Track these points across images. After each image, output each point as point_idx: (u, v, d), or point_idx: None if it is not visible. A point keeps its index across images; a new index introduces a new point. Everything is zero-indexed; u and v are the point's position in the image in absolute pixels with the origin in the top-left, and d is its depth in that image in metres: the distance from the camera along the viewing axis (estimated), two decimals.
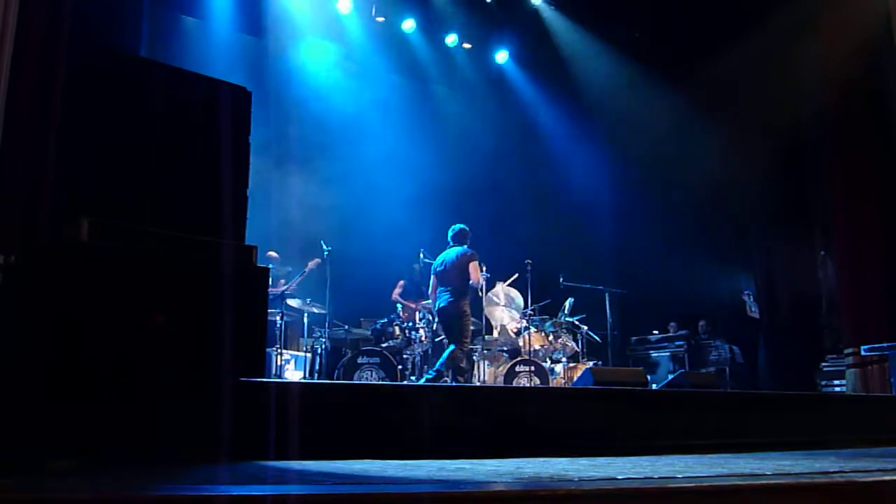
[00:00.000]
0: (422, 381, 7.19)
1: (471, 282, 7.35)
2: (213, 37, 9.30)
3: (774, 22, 9.06)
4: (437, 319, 7.65)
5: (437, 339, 8.08)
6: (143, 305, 3.20)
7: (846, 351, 8.48)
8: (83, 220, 3.26)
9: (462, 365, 7.29)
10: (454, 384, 6.89)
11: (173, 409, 3.07)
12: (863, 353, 8.02)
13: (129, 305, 3.17)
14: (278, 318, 7.42)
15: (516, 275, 8.71)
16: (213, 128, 3.83)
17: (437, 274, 7.53)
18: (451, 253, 7.47)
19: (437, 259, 7.60)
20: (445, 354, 7.20)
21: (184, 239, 3.55)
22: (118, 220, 3.40)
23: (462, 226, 7.66)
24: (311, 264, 8.00)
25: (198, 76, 4.08)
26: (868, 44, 8.09)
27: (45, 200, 4.21)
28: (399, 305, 8.23)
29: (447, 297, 7.33)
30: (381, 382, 6.94)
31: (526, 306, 8.38)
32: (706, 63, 9.91)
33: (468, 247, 7.52)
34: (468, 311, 7.41)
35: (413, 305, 8.26)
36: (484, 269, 7.64)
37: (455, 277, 7.35)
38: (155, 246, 3.44)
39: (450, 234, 7.65)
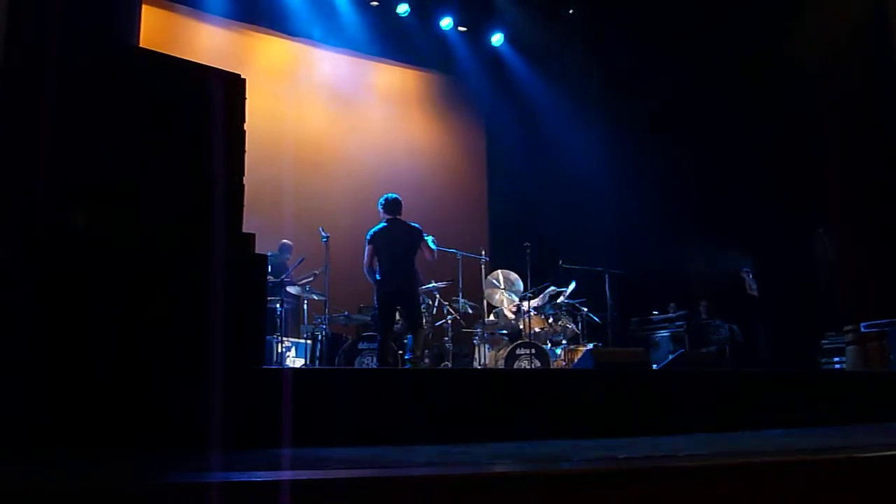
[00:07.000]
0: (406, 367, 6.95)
1: (428, 258, 7.09)
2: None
3: (771, 3, 9.02)
4: (388, 301, 6.95)
5: (437, 324, 8.06)
6: (140, 294, 3.19)
7: (846, 328, 8.48)
8: (79, 210, 3.25)
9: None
10: (456, 368, 6.86)
11: (172, 397, 3.07)
12: (862, 329, 8.03)
13: (126, 294, 3.15)
14: (278, 305, 7.40)
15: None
16: (208, 116, 3.80)
17: (378, 248, 6.84)
18: (398, 227, 6.94)
19: (377, 230, 6.90)
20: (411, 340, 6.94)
21: (181, 226, 3.54)
22: (114, 208, 3.38)
23: (395, 195, 7.06)
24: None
25: (192, 64, 4.05)
26: (862, 25, 8.06)
27: (39, 190, 4.18)
28: None
29: (403, 275, 6.91)
30: (381, 368, 6.93)
31: (525, 289, 8.36)
32: (703, 42, 9.86)
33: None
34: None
35: None
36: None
37: (409, 254, 6.95)
38: (152, 233, 3.43)
39: (383, 203, 7.02)
